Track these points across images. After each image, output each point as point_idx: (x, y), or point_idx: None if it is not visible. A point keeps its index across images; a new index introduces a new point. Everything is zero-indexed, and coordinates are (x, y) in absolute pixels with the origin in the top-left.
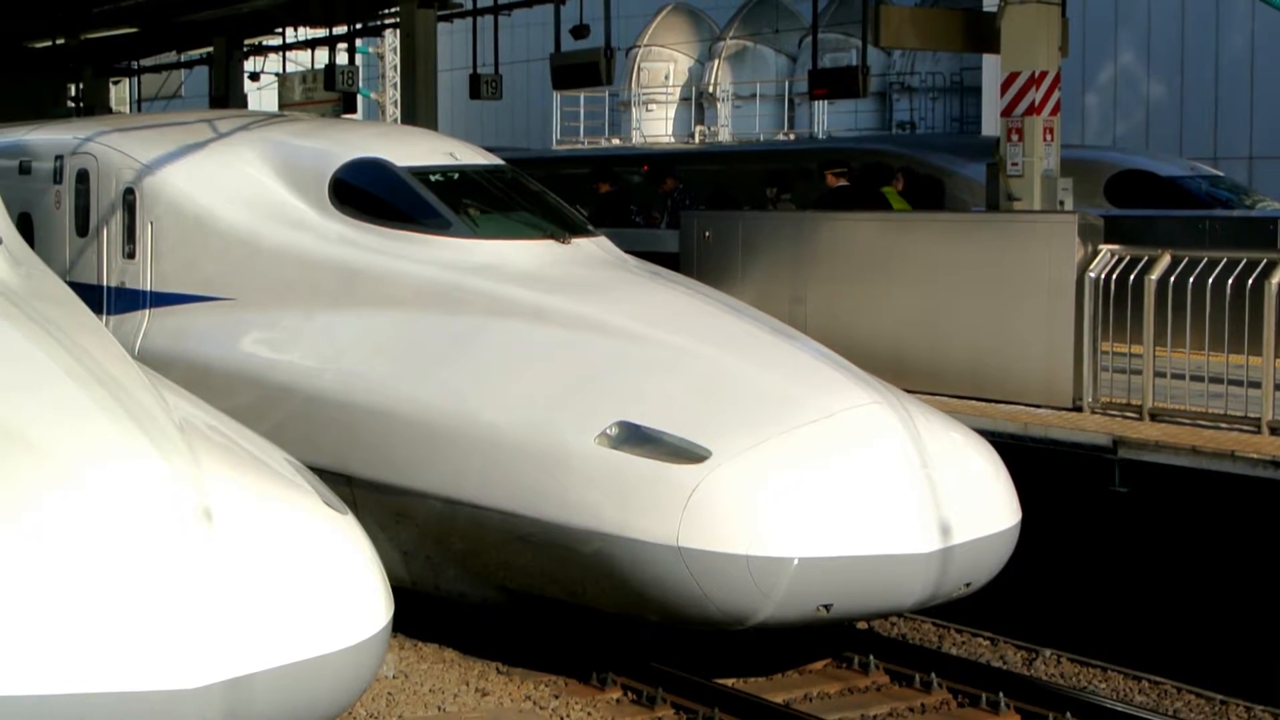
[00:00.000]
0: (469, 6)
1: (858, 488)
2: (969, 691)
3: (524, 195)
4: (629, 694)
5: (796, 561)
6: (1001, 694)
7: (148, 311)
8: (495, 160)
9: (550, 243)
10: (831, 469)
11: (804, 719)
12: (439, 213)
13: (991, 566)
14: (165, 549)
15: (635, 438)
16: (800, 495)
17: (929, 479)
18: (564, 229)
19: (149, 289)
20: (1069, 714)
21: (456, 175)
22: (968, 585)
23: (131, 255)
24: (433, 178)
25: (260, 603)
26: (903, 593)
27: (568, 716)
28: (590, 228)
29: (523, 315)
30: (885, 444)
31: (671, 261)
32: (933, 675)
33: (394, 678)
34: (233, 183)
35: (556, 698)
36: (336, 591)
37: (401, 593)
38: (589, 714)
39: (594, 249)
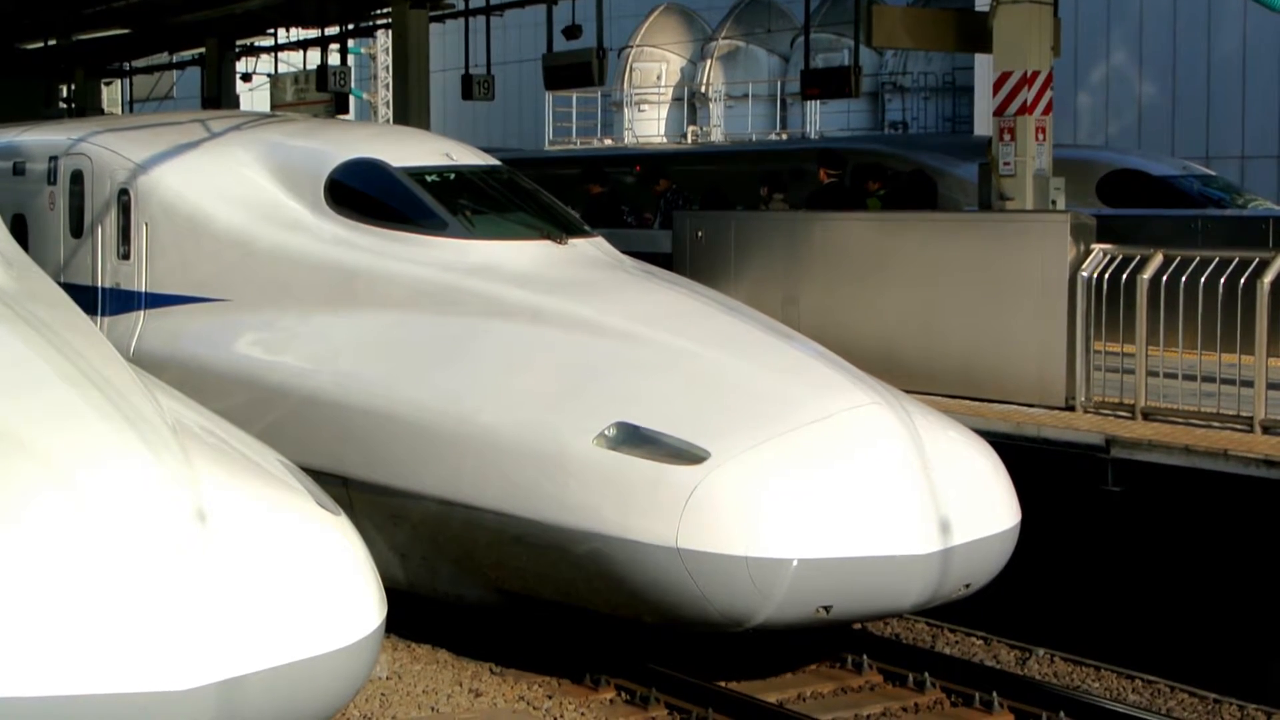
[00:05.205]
0: (461, 7)
1: (857, 488)
2: (963, 691)
3: (521, 196)
4: (623, 694)
5: (796, 563)
6: (995, 693)
7: (143, 313)
8: (491, 161)
9: (547, 243)
10: (831, 470)
11: (797, 719)
12: (435, 213)
13: (991, 567)
14: (158, 550)
15: (634, 439)
16: (800, 496)
17: (929, 480)
18: (561, 229)
19: (144, 290)
20: (1062, 713)
21: (453, 176)
22: (967, 586)
23: (126, 256)
24: (429, 178)
25: (253, 604)
26: (902, 594)
27: (561, 717)
28: (587, 228)
29: (520, 316)
30: (885, 445)
31: (664, 262)
32: (926, 675)
33: (387, 679)
34: (228, 183)
35: (550, 698)
36: (329, 592)
37: (395, 593)
38: (582, 714)
39: (591, 250)
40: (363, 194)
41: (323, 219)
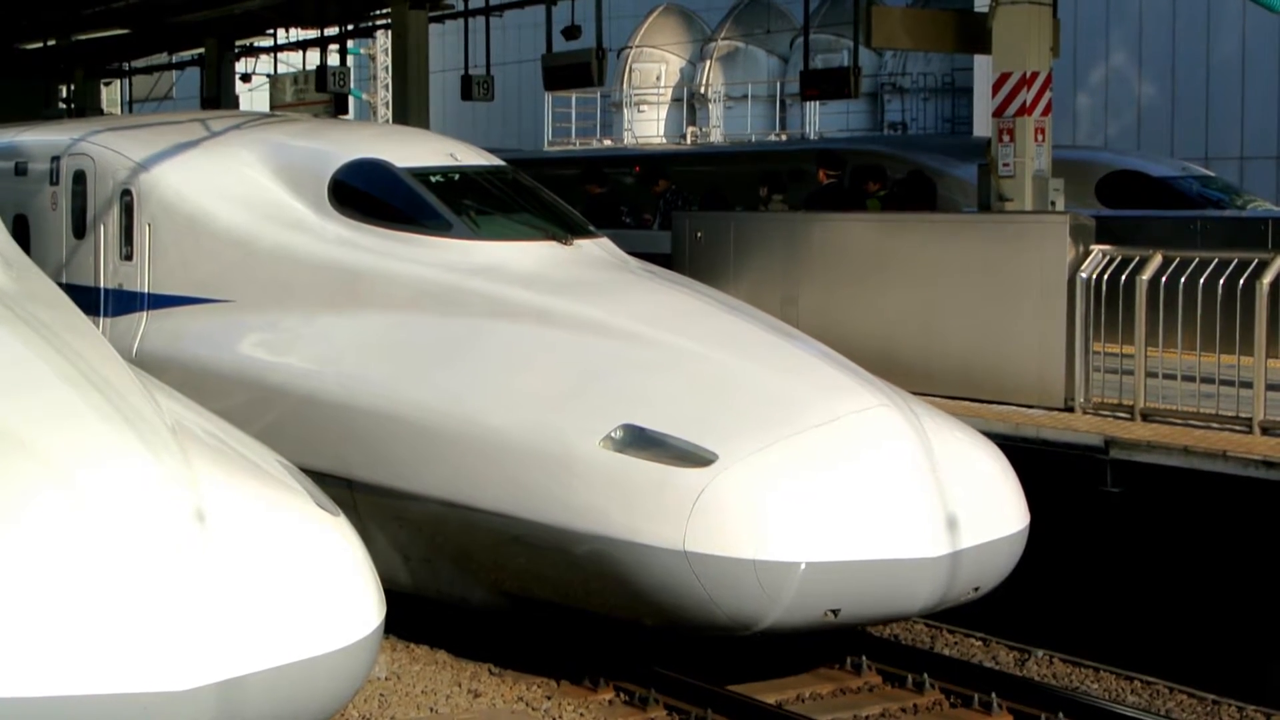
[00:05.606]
0: (460, 7)
1: (866, 491)
2: (961, 692)
3: (525, 196)
4: (621, 695)
5: (804, 566)
6: (994, 694)
7: (145, 314)
8: (496, 161)
9: (552, 244)
10: (839, 472)
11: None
12: (440, 214)
13: (1000, 570)
14: (158, 550)
15: (640, 441)
16: (808, 499)
17: (937, 482)
18: (566, 230)
19: (147, 291)
20: (1061, 714)
21: (457, 176)
22: (976, 589)
23: (129, 257)
24: (433, 179)
25: (253, 604)
26: (911, 597)
27: (560, 717)
28: (592, 229)
29: (525, 317)
30: (893, 447)
31: (663, 263)
32: (925, 676)
33: (386, 679)
34: (231, 184)
35: (549, 699)
36: (328, 593)
37: (394, 594)
38: (581, 715)
39: (596, 250)
40: (367, 194)
41: (326, 219)
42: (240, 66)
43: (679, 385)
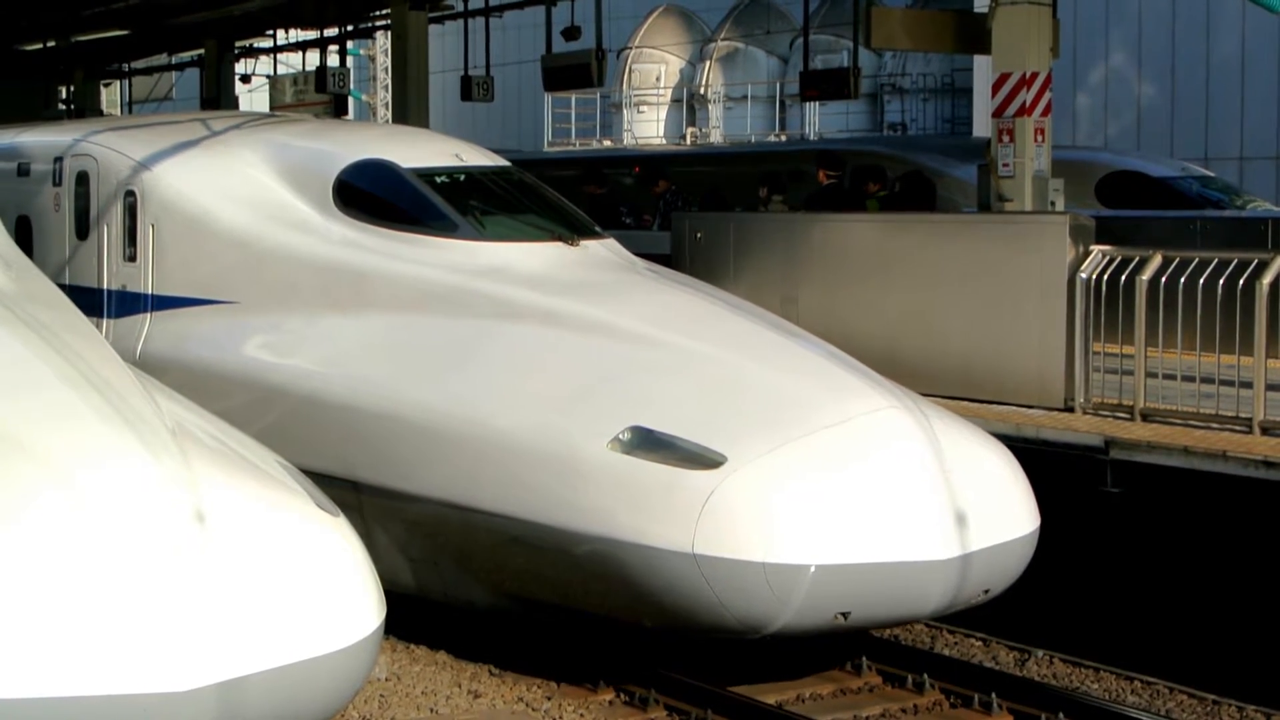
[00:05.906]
0: (460, 8)
1: (876, 493)
2: (962, 692)
3: (531, 197)
4: (622, 695)
5: (814, 569)
6: (994, 695)
7: (149, 315)
8: (501, 161)
9: (558, 245)
10: (849, 474)
11: None
12: (445, 215)
13: (1011, 572)
14: (158, 551)
15: (649, 443)
16: (817, 501)
17: (948, 484)
18: (572, 231)
19: (150, 292)
20: (1062, 714)
21: (463, 177)
22: (986, 592)
23: (132, 258)
24: (438, 179)
25: (253, 605)
26: (921, 600)
27: (560, 718)
28: (598, 229)
29: (532, 319)
30: (903, 449)
31: (663, 263)
32: (925, 676)
33: (386, 680)
34: (235, 184)
35: (549, 699)
36: (329, 594)
37: (394, 595)
38: (581, 715)
39: (603, 251)
40: (372, 195)
41: (331, 220)
42: (240, 67)
43: (687, 387)
